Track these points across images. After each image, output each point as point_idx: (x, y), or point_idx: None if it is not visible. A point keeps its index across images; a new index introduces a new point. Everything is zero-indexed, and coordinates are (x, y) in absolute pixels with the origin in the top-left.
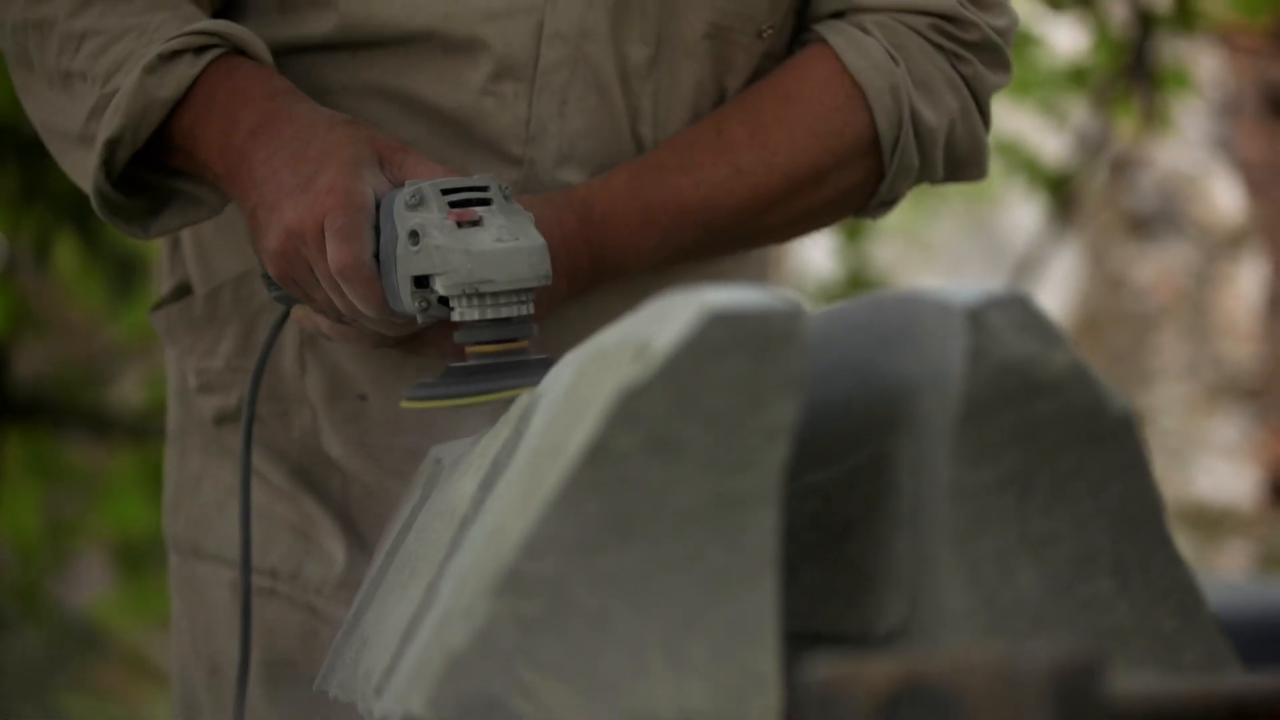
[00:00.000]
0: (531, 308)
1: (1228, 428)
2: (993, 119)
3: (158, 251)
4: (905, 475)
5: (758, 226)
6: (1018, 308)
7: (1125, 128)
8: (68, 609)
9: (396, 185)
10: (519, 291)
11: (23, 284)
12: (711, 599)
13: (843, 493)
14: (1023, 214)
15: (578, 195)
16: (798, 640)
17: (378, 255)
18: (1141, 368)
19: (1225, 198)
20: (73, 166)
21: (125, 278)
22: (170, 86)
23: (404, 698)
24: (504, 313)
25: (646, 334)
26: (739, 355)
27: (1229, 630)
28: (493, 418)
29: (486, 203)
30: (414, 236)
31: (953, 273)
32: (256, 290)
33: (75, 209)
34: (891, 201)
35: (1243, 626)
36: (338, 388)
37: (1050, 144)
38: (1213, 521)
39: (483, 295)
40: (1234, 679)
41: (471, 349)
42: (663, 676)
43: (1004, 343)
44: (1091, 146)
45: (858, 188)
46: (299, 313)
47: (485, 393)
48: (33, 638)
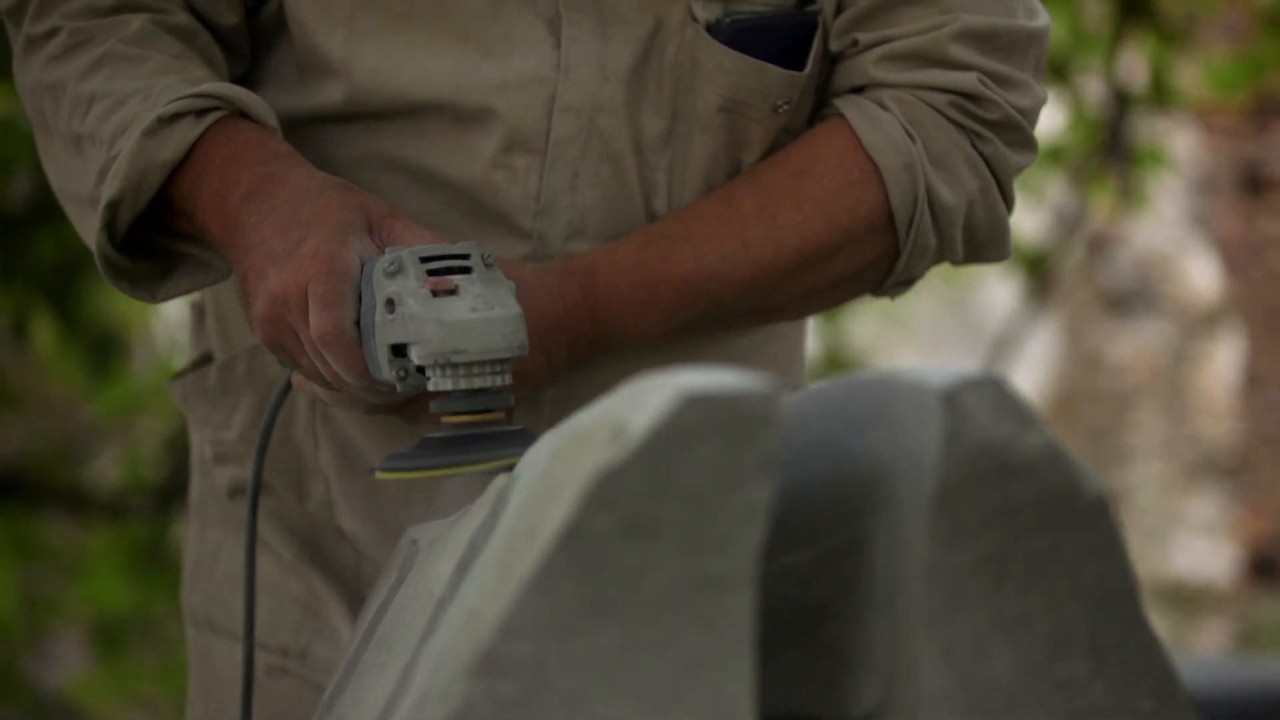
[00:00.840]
0: (509, 378)
1: (1205, 505)
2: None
3: (136, 328)
4: (881, 557)
5: (766, 302)
6: (992, 390)
7: (1102, 206)
8: (45, 688)
9: (383, 252)
10: (494, 362)
11: (0, 361)
12: (688, 681)
13: (819, 574)
14: (1000, 292)
15: (582, 264)
16: None
17: (361, 323)
18: (1118, 445)
19: (1202, 275)
20: (84, 229)
21: (103, 355)
22: (170, 149)
23: None
24: (478, 383)
25: (622, 416)
26: (714, 437)
27: (1206, 709)
28: (468, 489)
29: (466, 271)
30: (390, 304)
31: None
32: (270, 362)
33: (53, 285)
34: (909, 281)
35: (1220, 705)
36: (350, 461)
37: (1027, 222)
38: (1190, 599)
39: (456, 365)
40: None
41: (447, 419)
42: None
43: (978, 425)
44: (1068, 224)
45: (871, 266)
46: (298, 378)
47: (458, 465)
48: (10, 717)
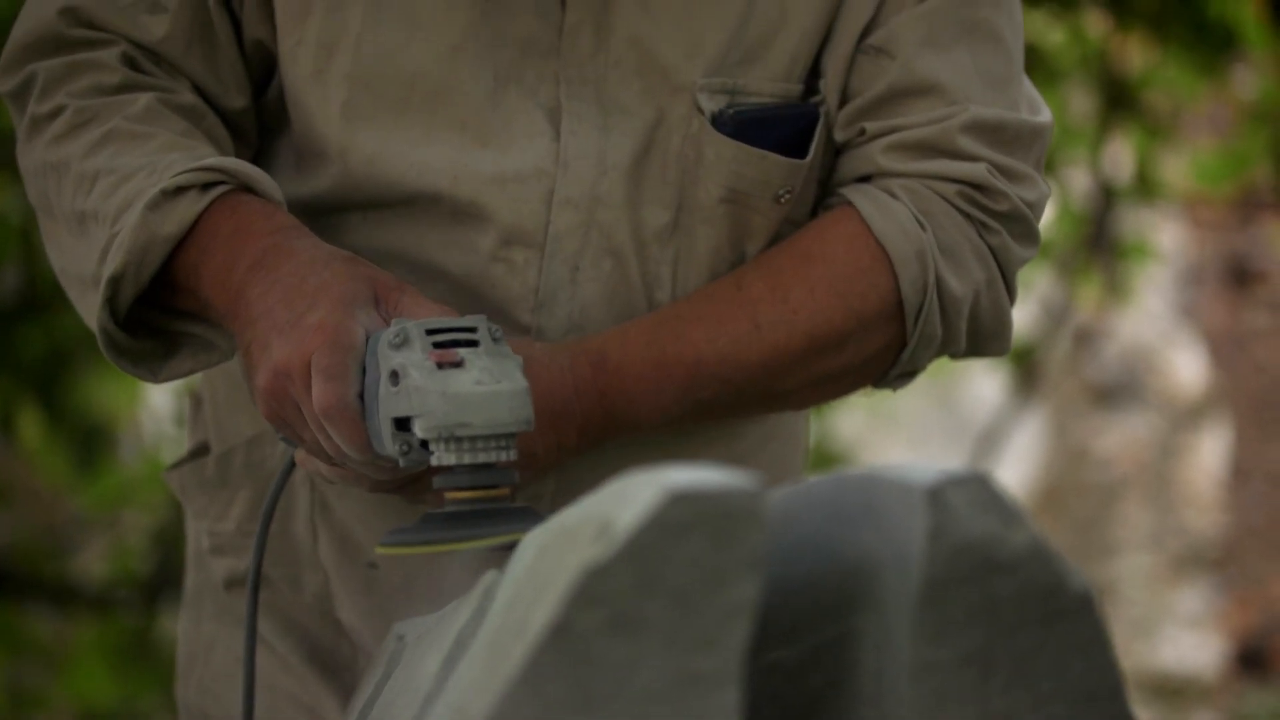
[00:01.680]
0: (514, 454)
1: (1192, 598)
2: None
3: (124, 420)
4: (867, 653)
5: (776, 388)
6: (977, 486)
7: (1088, 298)
8: None
9: (389, 324)
10: (499, 437)
11: None
12: None
13: (806, 671)
14: (986, 385)
15: (593, 343)
16: None
17: (365, 396)
18: (1105, 538)
19: (1188, 368)
20: (86, 311)
21: (89, 448)
22: (173, 223)
23: None
24: (482, 458)
25: (609, 512)
26: (700, 534)
27: None
28: (470, 568)
29: (473, 344)
30: (394, 377)
31: (917, 444)
32: (269, 454)
33: (39, 379)
34: (912, 373)
35: None
36: (349, 554)
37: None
38: (1177, 691)
39: (460, 440)
40: None
41: (450, 495)
42: None
43: (963, 522)
44: (1055, 317)
45: (879, 355)
46: (301, 455)
47: (460, 541)
48: None
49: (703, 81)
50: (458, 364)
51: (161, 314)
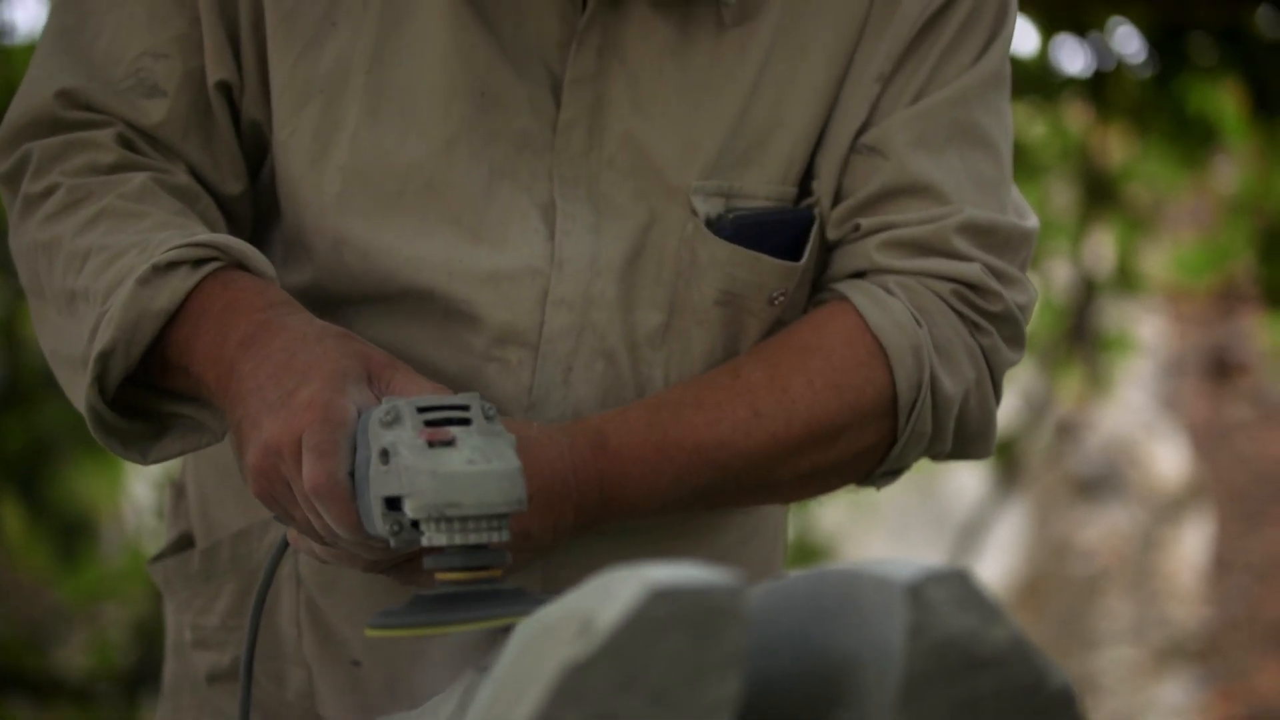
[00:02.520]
0: (507, 535)
1: (1174, 690)
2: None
3: (105, 511)
4: None
5: (771, 478)
6: (957, 583)
7: (1069, 391)
8: None
9: (381, 402)
10: (491, 517)
11: None
12: None
13: None
14: (967, 478)
15: (592, 424)
16: None
17: (355, 474)
18: (1087, 631)
19: (1169, 460)
20: (75, 393)
21: (71, 541)
22: (164, 298)
23: None
24: (473, 539)
25: (590, 608)
26: (681, 631)
27: None
28: (460, 651)
29: (466, 422)
30: (385, 455)
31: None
32: (256, 548)
33: (20, 472)
34: (897, 472)
35: None
36: (333, 651)
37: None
38: None
39: (450, 520)
40: None
41: (441, 576)
42: None
43: (943, 618)
44: (1036, 409)
45: (869, 450)
46: (293, 534)
47: (451, 624)
48: None
49: (698, 184)
50: (449, 442)
51: (152, 395)
